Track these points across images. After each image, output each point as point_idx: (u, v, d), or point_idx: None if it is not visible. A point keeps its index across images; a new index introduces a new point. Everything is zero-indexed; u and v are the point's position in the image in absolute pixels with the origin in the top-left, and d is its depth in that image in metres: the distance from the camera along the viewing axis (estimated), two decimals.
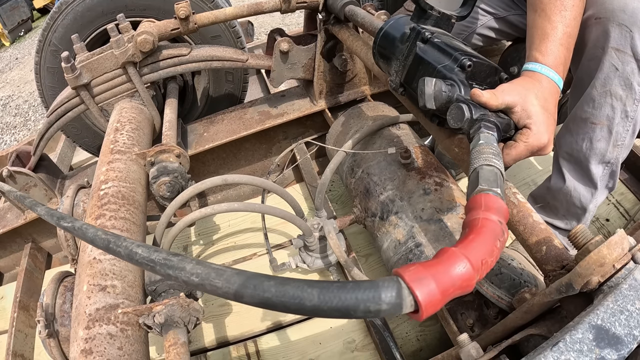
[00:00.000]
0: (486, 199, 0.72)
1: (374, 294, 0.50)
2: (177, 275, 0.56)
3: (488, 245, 0.63)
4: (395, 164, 1.55)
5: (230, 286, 0.52)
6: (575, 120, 1.33)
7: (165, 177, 1.53)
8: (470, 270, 0.58)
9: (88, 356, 0.92)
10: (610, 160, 1.33)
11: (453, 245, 0.63)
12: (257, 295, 0.51)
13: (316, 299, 0.50)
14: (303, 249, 1.67)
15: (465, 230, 0.68)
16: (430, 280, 0.53)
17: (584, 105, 1.28)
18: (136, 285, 1.14)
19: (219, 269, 0.54)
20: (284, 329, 1.66)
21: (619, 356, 0.55)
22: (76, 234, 0.76)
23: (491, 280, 1.20)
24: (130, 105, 1.80)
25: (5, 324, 1.90)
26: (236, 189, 2.27)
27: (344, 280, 0.50)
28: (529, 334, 0.90)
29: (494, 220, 0.67)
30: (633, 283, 0.62)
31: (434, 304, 0.53)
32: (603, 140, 1.29)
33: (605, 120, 1.26)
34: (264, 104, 2.14)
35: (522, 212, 0.98)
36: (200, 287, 0.54)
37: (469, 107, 0.94)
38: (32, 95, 5.17)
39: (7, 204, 2.05)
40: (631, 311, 0.59)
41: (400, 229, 1.41)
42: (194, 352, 1.63)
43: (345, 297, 0.50)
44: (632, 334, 0.57)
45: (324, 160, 2.31)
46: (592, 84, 1.25)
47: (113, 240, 0.66)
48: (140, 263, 0.61)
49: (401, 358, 1.41)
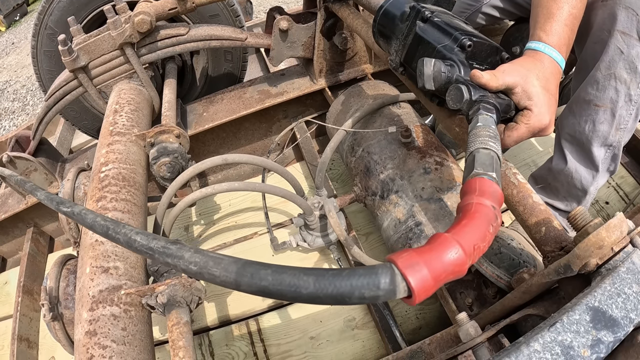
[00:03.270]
0: (481, 184, 0.72)
1: (368, 281, 0.51)
2: (175, 263, 0.57)
3: (481, 230, 0.63)
4: (395, 143, 1.55)
5: (228, 275, 0.53)
6: (578, 102, 1.32)
7: (165, 157, 1.53)
8: (462, 256, 0.58)
9: (92, 337, 0.93)
10: (613, 144, 1.32)
11: (447, 228, 0.63)
12: (254, 284, 0.52)
13: (312, 287, 0.51)
14: (303, 228, 1.68)
15: (458, 215, 0.69)
16: (422, 267, 0.54)
17: (588, 87, 1.27)
18: (138, 266, 1.15)
19: (216, 258, 0.54)
20: (285, 307, 1.68)
21: (615, 338, 0.56)
22: (75, 219, 0.76)
23: (490, 260, 1.21)
24: (128, 87, 1.79)
25: (10, 308, 1.91)
26: (236, 169, 2.27)
27: (339, 268, 0.51)
28: (527, 314, 0.91)
29: (487, 205, 0.67)
30: (631, 266, 0.62)
31: (427, 289, 0.54)
32: (606, 123, 1.28)
33: (609, 103, 1.25)
34: (264, 83, 2.12)
35: (522, 193, 0.98)
36: (198, 275, 0.55)
37: (468, 89, 0.93)
38: (30, 80, 5.12)
39: (8, 189, 2.06)
40: (628, 294, 0.59)
41: (401, 208, 1.42)
42: (197, 331, 1.65)
43: (340, 284, 0.51)
44: (628, 316, 0.57)
45: (324, 139, 2.31)
46: (596, 66, 1.24)
47: (112, 227, 0.67)
48: (139, 251, 0.61)
49: (401, 336, 1.43)
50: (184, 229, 2.01)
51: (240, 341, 1.61)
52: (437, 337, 1.21)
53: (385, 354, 1.46)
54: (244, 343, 1.61)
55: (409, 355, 1.20)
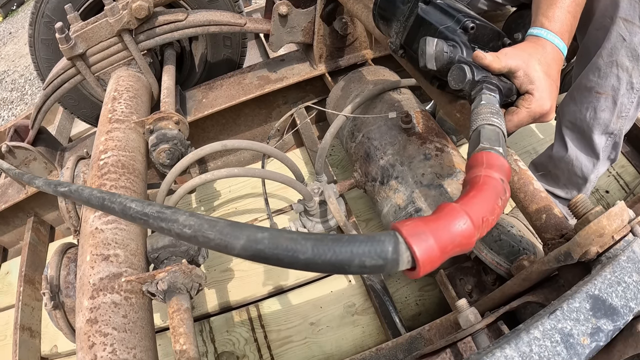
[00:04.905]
0: (488, 157, 0.70)
1: (369, 248, 0.48)
2: (170, 227, 0.55)
3: (490, 202, 0.61)
4: (396, 129, 1.54)
5: (223, 237, 0.50)
6: (579, 89, 1.31)
7: (164, 144, 1.53)
8: (471, 227, 0.56)
9: (93, 325, 0.93)
10: (614, 132, 1.32)
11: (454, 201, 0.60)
12: (249, 247, 0.49)
13: (310, 252, 0.48)
14: (303, 214, 1.67)
15: (466, 187, 0.66)
16: (429, 236, 0.51)
17: (590, 74, 1.26)
18: (139, 254, 1.15)
19: (211, 220, 0.52)
20: (285, 293, 1.69)
21: (615, 327, 0.56)
22: (73, 197, 0.76)
23: (490, 247, 1.21)
24: (127, 74, 1.78)
25: (12, 298, 1.92)
26: (236, 155, 2.26)
27: (340, 234, 0.48)
28: (527, 301, 0.91)
29: (496, 178, 0.66)
30: (631, 255, 0.62)
31: (432, 260, 0.51)
32: (607, 111, 1.27)
33: (611, 90, 1.24)
34: (263, 69, 2.11)
35: (523, 180, 0.97)
36: (193, 239, 0.53)
37: (471, 69, 0.92)
38: (28, 69, 5.08)
39: (7, 179, 2.05)
40: (628, 283, 0.59)
41: (401, 194, 1.41)
42: (198, 317, 1.66)
43: (340, 250, 0.48)
44: (628, 305, 0.57)
45: (324, 124, 2.30)
46: (598, 53, 1.22)
47: (107, 198, 0.66)
48: (134, 218, 0.60)
49: (400, 322, 1.44)
50: None
51: (240, 327, 1.62)
52: (436, 323, 1.21)
53: (385, 340, 1.47)
54: (244, 329, 1.62)
55: (409, 341, 1.21)
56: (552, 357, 0.55)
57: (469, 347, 1.02)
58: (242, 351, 1.58)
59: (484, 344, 0.93)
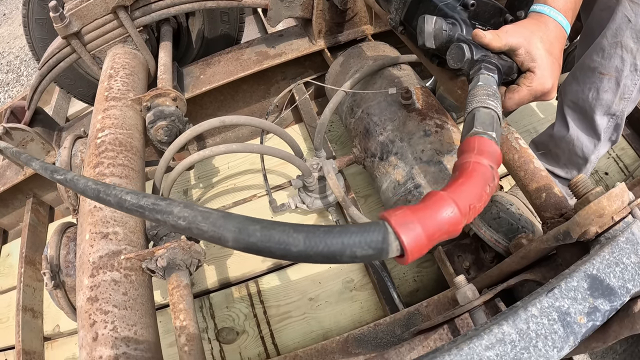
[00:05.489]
0: (479, 142, 0.71)
1: (360, 239, 0.50)
2: (165, 219, 0.55)
3: (477, 190, 0.62)
4: (395, 105, 1.53)
5: (216, 230, 0.51)
6: (583, 69, 1.30)
7: (162, 121, 1.51)
8: (458, 215, 0.57)
9: (94, 303, 0.94)
10: (616, 113, 1.31)
11: (442, 188, 0.62)
12: (242, 239, 0.50)
13: (302, 245, 0.49)
14: (302, 190, 1.67)
15: (455, 174, 0.68)
16: (416, 225, 0.53)
17: (593, 54, 1.25)
18: (137, 231, 1.15)
19: (205, 212, 0.53)
20: (284, 269, 1.70)
21: (612, 307, 0.56)
22: (68, 185, 0.75)
23: (489, 224, 1.21)
24: (123, 51, 1.75)
25: (14, 280, 1.94)
26: (234, 131, 2.25)
27: (331, 225, 0.49)
28: (524, 279, 0.92)
29: (485, 164, 0.67)
30: (630, 237, 0.62)
31: (420, 248, 0.53)
32: (610, 92, 1.27)
33: (614, 71, 1.23)
34: (262, 44, 2.08)
35: (524, 158, 0.97)
36: (187, 231, 0.54)
37: (470, 47, 0.91)
38: (23, 50, 4.99)
39: (5, 161, 2.05)
40: (626, 264, 0.59)
41: (400, 170, 1.41)
42: (198, 294, 1.67)
43: (331, 242, 0.49)
44: (625, 286, 0.57)
45: (323, 100, 2.28)
46: (603, 34, 1.21)
47: (103, 190, 0.66)
48: (130, 210, 0.60)
49: (398, 298, 1.45)
50: (182, 192, 2.01)
51: (240, 303, 1.64)
52: (434, 299, 1.22)
53: (382, 316, 1.49)
54: (244, 305, 1.64)
55: (407, 317, 1.22)
56: (549, 334, 0.55)
57: (466, 324, 1.03)
58: (241, 327, 1.60)
59: (481, 321, 0.94)
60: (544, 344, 0.55)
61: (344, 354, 1.20)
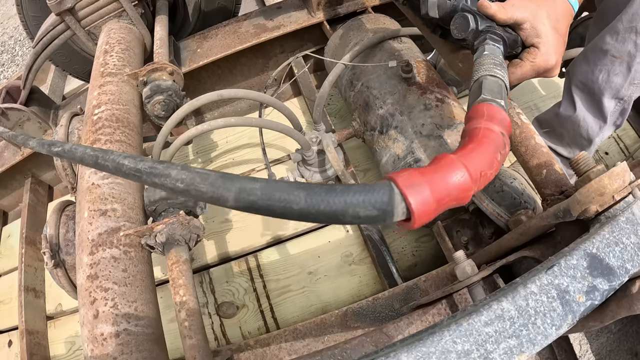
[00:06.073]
0: (489, 109, 0.69)
1: (364, 199, 0.48)
2: (163, 182, 0.54)
3: (489, 156, 0.60)
4: (395, 78, 1.51)
5: (215, 190, 0.50)
6: (594, 51, 1.28)
7: (159, 95, 1.49)
8: (468, 180, 0.55)
9: (94, 281, 0.94)
10: (624, 97, 1.30)
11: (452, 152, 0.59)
12: (242, 199, 0.49)
13: (303, 202, 0.48)
14: (301, 164, 1.66)
15: (464, 139, 0.65)
16: (425, 187, 0.51)
17: (607, 36, 1.23)
18: (136, 207, 1.15)
19: (203, 173, 0.52)
20: (284, 243, 1.70)
21: (610, 287, 0.56)
22: (66, 156, 0.75)
23: (492, 198, 1.21)
24: (118, 26, 1.72)
25: (15, 261, 1.93)
26: (233, 106, 2.23)
27: (335, 184, 0.48)
28: (523, 256, 0.92)
29: (496, 131, 0.64)
30: (630, 217, 0.61)
31: (428, 213, 0.51)
32: (620, 75, 1.25)
33: (626, 56, 1.22)
34: (260, 17, 2.04)
35: (525, 134, 0.96)
36: (186, 193, 0.53)
37: (475, 18, 0.90)
38: (17, 30, 4.91)
39: (2, 142, 2.03)
40: (626, 244, 0.59)
41: (400, 144, 1.40)
42: (197, 269, 1.68)
43: (333, 201, 0.47)
44: (624, 266, 0.57)
45: (323, 74, 2.25)
46: (618, 18, 1.19)
47: (101, 155, 0.65)
48: (128, 174, 0.59)
49: (397, 272, 1.46)
50: None
51: (240, 277, 1.65)
52: (432, 274, 1.23)
53: (381, 290, 1.50)
54: (243, 279, 1.65)
55: (405, 291, 1.23)
56: (547, 312, 0.56)
57: (464, 299, 1.04)
58: (241, 301, 1.61)
59: (480, 297, 0.95)
60: (543, 321, 0.55)
61: (343, 327, 1.21)
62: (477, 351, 0.51)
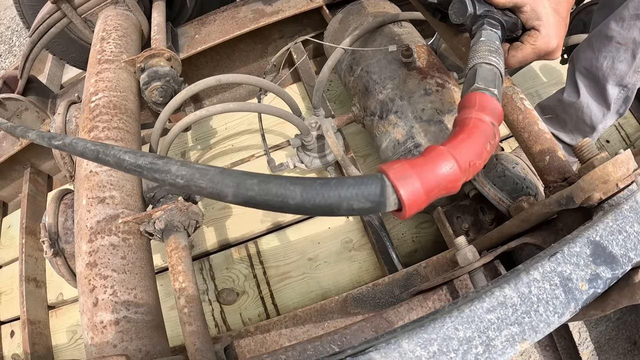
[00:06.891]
0: (481, 98, 0.69)
1: (357, 192, 0.50)
2: (163, 178, 0.56)
3: (478, 147, 0.61)
4: (396, 63, 1.50)
5: (214, 186, 0.52)
6: (599, 37, 1.27)
7: (156, 82, 1.48)
8: (457, 171, 0.57)
9: (93, 269, 0.94)
10: (628, 85, 1.29)
11: (441, 143, 0.61)
12: (240, 194, 0.51)
13: (299, 197, 0.50)
14: (301, 149, 1.65)
15: (455, 129, 0.66)
16: (415, 179, 0.53)
17: (612, 22, 1.22)
18: (134, 194, 1.14)
19: (202, 169, 0.53)
20: (284, 229, 1.70)
21: (613, 275, 0.56)
22: (67, 149, 0.75)
23: (494, 182, 1.20)
24: (115, 13, 1.69)
25: (16, 252, 1.93)
26: (232, 92, 2.21)
27: (328, 177, 0.49)
28: (524, 243, 0.92)
29: (486, 121, 0.65)
30: (634, 205, 0.61)
31: (418, 203, 0.53)
32: (625, 63, 1.24)
33: (632, 43, 1.21)
34: (258, 2, 2.01)
35: (528, 119, 0.95)
36: (186, 188, 0.54)
37: (473, 2, 0.89)
38: (14, 20, 4.86)
39: (1, 133, 2.01)
40: (629, 233, 0.59)
41: (400, 129, 1.39)
42: (197, 256, 1.68)
43: (328, 194, 0.49)
44: (627, 255, 0.57)
45: (322, 59, 2.23)
46: (625, 5, 1.18)
47: (102, 150, 0.66)
48: (129, 169, 0.61)
49: (397, 258, 1.46)
50: (180, 154, 1.99)
51: (240, 264, 1.65)
52: (433, 260, 1.23)
53: (381, 276, 1.50)
54: (243, 266, 1.65)
55: (405, 277, 1.23)
56: (550, 300, 0.55)
57: (465, 285, 1.04)
58: (241, 287, 1.61)
59: (481, 283, 0.95)
60: (545, 308, 0.54)
61: (343, 313, 1.21)
62: (479, 338, 0.51)
